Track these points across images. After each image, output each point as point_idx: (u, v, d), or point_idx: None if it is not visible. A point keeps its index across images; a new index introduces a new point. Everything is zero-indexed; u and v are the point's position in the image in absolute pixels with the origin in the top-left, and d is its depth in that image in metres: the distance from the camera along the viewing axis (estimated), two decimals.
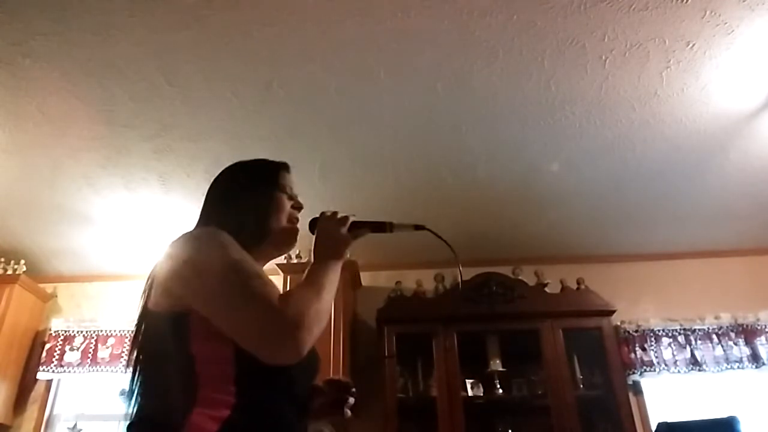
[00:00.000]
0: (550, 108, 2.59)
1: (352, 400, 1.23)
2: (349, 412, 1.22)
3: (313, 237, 1.14)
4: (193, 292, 0.96)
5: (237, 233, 1.04)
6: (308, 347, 0.91)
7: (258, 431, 0.95)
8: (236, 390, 0.94)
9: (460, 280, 1.46)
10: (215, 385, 0.94)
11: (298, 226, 1.21)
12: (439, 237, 1.18)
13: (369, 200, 3.19)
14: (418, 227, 1.18)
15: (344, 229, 1.12)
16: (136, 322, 1.07)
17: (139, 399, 1.01)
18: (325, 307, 0.98)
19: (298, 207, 1.22)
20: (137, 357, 1.04)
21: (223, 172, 1.25)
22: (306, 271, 1.04)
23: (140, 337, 1.05)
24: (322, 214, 1.16)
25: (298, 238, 1.21)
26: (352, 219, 1.15)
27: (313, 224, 1.17)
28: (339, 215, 1.14)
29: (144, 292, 1.07)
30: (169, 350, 0.96)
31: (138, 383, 1.02)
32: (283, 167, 1.25)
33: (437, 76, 2.40)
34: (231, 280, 0.94)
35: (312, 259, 1.09)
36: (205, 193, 1.23)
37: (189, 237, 1.03)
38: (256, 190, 1.18)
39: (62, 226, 3.43)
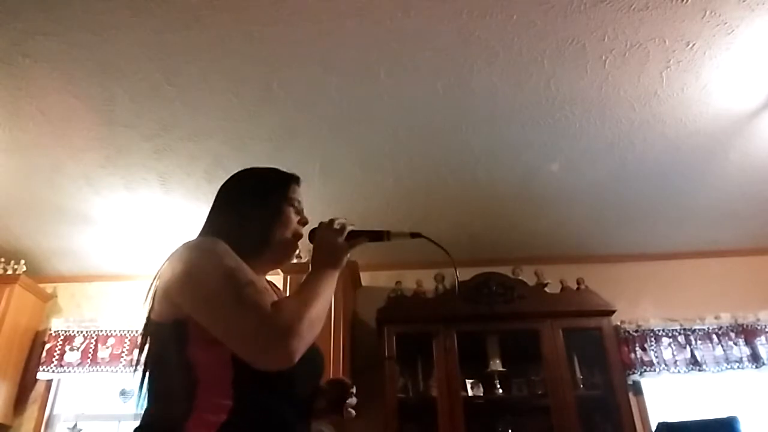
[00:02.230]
0: (550, 108, 2.59)
1: (353, 400, 1.22)
2: (352, 412, 1.21)
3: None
4: (188, 300, 0.97)
5: (239, 242, 1.04)
6: (299, 355, 0.91)
7: None
8: (234, 394, 0.95)
9: (457, 284, 1.50)
10: (214, 390, 0.95)
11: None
12: (435, 243, 1.18)
13: (369, 200, 3.16)
14: (414, 235, 1.18)
15: (341, 238, 1.12)
16: (141, 332, 1.09)
17: (145, 406, 1.03)
18: (319, 314, 0.98)
19: (303, 222, 1.22)
20: (144, 366, 1.05)
21: (233, 177, 1.25)
22: (303, 280, 1.05)
23: (145, 347, 1.06)
24: (321, 223, 1.15)
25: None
26: (349, 228, 1.14)
27: (313, 234, 1.17)
28: (337, 223, 1.13)
29: (147, 302, 1.08)
30: (169, 357, 0.98)
31: (145, 391, 1.04)
32: (293, 180, 1.24)
33: (437, 76, 2.40)
34: (224, 289, 0.94)
35: (309, 268, 1.08)
36: (215, 197, 1.22)
37: (187, 247, 1.04)
38: (265, 201, 1.17)
39: (62, 226, 3.43)
